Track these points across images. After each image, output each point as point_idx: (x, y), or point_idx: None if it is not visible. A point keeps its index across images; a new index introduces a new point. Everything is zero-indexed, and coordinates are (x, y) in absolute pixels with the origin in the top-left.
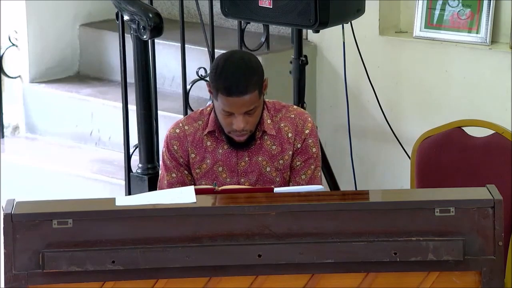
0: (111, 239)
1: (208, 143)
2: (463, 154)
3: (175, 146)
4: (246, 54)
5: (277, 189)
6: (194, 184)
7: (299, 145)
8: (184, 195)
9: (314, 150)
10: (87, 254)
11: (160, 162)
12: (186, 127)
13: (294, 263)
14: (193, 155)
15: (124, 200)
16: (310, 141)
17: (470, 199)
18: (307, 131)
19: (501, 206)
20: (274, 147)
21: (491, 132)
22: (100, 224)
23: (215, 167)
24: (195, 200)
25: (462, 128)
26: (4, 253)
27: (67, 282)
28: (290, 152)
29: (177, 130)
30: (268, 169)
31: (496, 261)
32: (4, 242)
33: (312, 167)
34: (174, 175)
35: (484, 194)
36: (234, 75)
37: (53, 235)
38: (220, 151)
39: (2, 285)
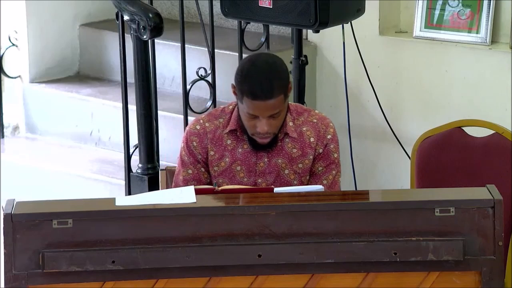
0: (111, 239)
1: (228, 142)
2: (463, 154)
3: (194, 142)
4: (272, 57)
5: (277, 189)
6: (210, 182)
7: (320, 150)
8: (184, 195)
9: (335, 155)
10: (87, 254)
11: (177, 156)
12: (206, 124)
13: (294, 263)
14: (212, 153)
15: (124, 200)
16: (331, 146)
17: (470, 199)
18: (329, 137)
19: (501, 206)
20: (294, 150)
21: (491, 132)
22: (100, 224)
23: (233, 166)
24: (195, 200)
25: (462, 128)
26: (4, 253)
27: (67, 282)
28: (311, 157)
29: (198, 127)
30: (286, 171)
31: (496, 261)
32: (4, 242)
33: (333, 172)
34: (190, 171)
35: (484, 194)
36: (260, 79)
37: (53, 235)
38: (240, 150)
39: (2, 285)
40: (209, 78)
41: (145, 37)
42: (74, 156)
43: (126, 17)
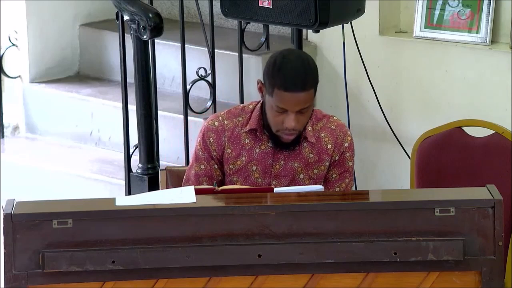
0: (111, 239)
1: (246, 141)
2: (463, 154)
3: (211, 138)
4: (303, 53)
5: (277, 189)
6: (222, 179)
7: (337, 158)
8: (184, 195)
9: (350, 164)
10: (87, 254)
11: (192, 151)
12: (225, 122)
13: (294, 263)
14: (229, 151)
15: (124, 200)
16: (347, 154)
17: (470, 199)
18: (346, 144)
19: (501, 206)
20: (311, 155)
21: (491, 132)
22: (100, 224)
23: (249, 166)
24: (195, 200)
25: (462, 128)
26: (4, 253)
27: (67, 282)
28: (327, 163)
29: (216, 123)
30: (301, 176)
31: (496, 261)
32: (4, 242)
33: (347, 180)
34: (203, 166)
35: (484, 194)
36: (294, 71)
37: (53, 235)
38: (257, 150)
39: (2, 285)
40: (209, 78)
41: (145, 37)
42: (74, 156)
43: (126, 17)
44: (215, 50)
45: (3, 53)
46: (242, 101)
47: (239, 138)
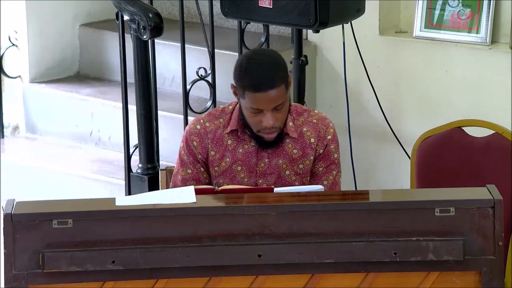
0: (111, 239)
1: (229, 142)
2: (463, 154)
3: (194, 142)
4: (268, 50)
5: (277, 189)
6: (209, 182)
7: (321, 151)
8: (184, 195)
9: (335, 155)
10: (87, 254)
11: (176, 157)
12: (207, 124)
13: (294, 263)
14: (212, 153)
15: (124, 200)
16: (332, 146)
17: (470, 199)
18: (329, 137)
19: (501, 206)
20: (295, 151)
21: (491, 132)
22: (100, 224)
23: (233, 166)
24: (195, 200)
25: (462, 128)
26: (4, 253)
27: (67, 282)
28: (312, 157)
29: (198, 126)
30: (287, 172)
31: (496, 261)
32: (4, 242)
33: (334, 172)
34: (189, 171)
35: (484, 194)
36: (260, 71)
37: (53, 235)
38: (240, 150)
39: (2, 285)
40: (209, 78)
41: (145, 37)
42: (74, 156)
43: (126, 17)
44: (215, 50)
45: (3, 53)
46: None
47: (222, 139)
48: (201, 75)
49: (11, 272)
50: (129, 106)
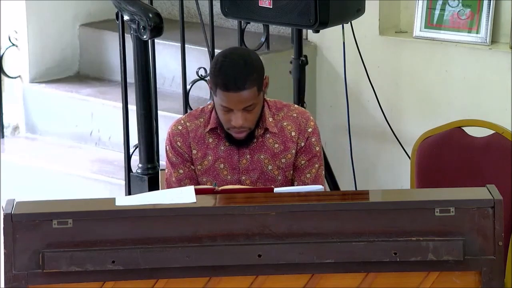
0: (111, 239)
1: (210, 140)
2: (463, 154)
3: (178, 142)
4: (246, 50)
5: (277, 189)
6: (196, 180)
7: (302, 144)
8: (184, 195)
9: (317, 148)
10: (87, 254)
11: (165, 161)
12: (188, 124)
13: (294, 263)
14: (194, 151)
15: (124, 200)
16: (313, 139)
17: (470, 199)
18: (310, 130)
19: (501, 206)
20: (276, 145)
21: (491, 132)
22: (100, 224)
23: (216, 164)
24: (195, 200)
25: (462, 128)
26: (4, 253)
27: (67, 282)
28: (293, 151)
29: (179, 127)
30: (270, 167)
31: (496, 261)
32: (4, 242)
33: (316, 165)
34: (181, 171)
35: (484, 194)
36: (232, 71)
37: (53, 235)
38: (222, 148)
39: (2, 285)
40: None
41: (145, 37)
42: (74, 156)
43: (126, 17)
44: (215, 50)
45: (3, 53)
46: None
47: (203, 138)
48: (201, 75)
49: (11, 272)
50: (129, 106)
